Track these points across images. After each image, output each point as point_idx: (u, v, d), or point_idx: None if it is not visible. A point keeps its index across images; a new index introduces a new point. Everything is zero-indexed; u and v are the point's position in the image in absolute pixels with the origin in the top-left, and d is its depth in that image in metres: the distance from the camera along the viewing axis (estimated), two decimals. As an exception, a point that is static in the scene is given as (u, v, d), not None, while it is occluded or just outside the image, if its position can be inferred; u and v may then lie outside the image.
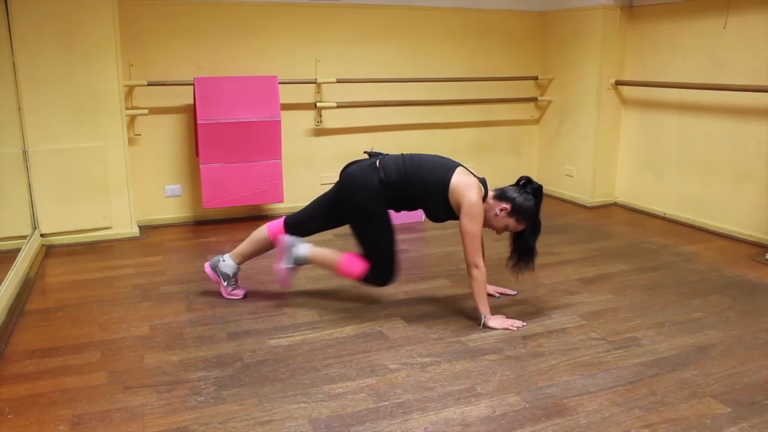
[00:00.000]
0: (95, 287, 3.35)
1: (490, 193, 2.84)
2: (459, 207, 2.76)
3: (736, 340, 2.75)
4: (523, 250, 2.89)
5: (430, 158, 2.90)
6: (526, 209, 2.79)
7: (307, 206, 3.13)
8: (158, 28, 4.34)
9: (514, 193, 2.81)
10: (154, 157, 4.52)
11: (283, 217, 3.12)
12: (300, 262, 2.97)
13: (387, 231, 2.89)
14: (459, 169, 2.82)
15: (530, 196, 2.80)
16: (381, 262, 2.90)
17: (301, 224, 3.08)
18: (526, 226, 2.84)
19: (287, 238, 2.97)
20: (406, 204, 2.90)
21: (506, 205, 2.79)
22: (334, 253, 2.97)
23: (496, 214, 2.81)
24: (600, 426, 2.10)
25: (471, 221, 2.72)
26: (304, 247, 2.96)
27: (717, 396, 2.28)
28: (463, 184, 2.75)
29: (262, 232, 3.10)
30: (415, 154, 2.92)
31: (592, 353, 2.62)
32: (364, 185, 2.82)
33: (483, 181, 2.84)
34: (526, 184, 2.84)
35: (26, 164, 3.89)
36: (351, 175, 2.89)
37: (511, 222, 2.82)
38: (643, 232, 4.49)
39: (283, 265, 2.97)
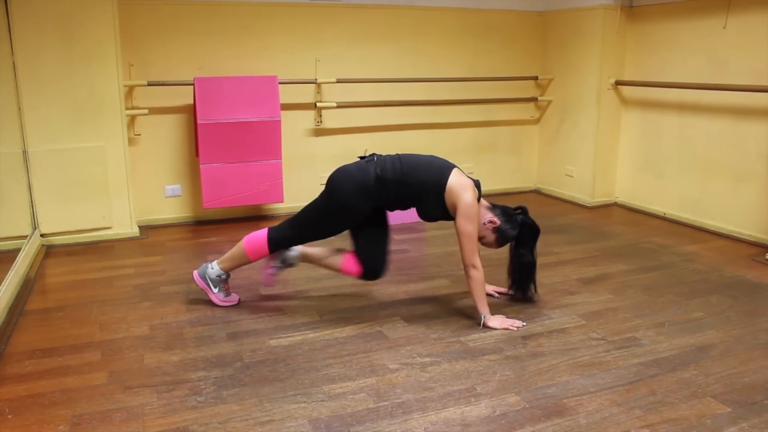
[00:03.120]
0: (95, 287, 3.35)
1: (483, 201, 2.89)
2: (455, 207, 2.77)
3: (736, 340, 2.75)
4: (519, 282, 3.07)
5: (426, 158, 2.91)
6: (506, 235, 2.90)
7: (292, 223, 2.94)
8: (158, 28, 4.34)
9: (504, 215, 2.89)
10: (154, 157, 4.52)
11: (265, 229, 2.95)
12: (289, 263, 2.99)
13: (375, 227, 2.92)
14: (455, 170, 2.83)
15: (517, 226, 2.90)
16: (369, 257, 2.91)
17: (289, 243, 2.95)
18: (499, 247, 2.95)
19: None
20: (400, 202, 2.88)
21: (495, 220, 2.86)
22: (327, 250, 2.99)
23: (484, 224, 2.87)
24: (600, 426, 2.10)
25: (467, 221, 2.74)
26: (295, 248, 2.99)
27: (717, 396, 2.28)
28: (459, 185, 2.77)
29: (240, 248, 2.95)
30: (411, 154, 2.93)
31: (592, 353, 2.62)
32: (358, 180, 2.81)
33: (477, 184, 2.85)
34: (520, 214, 2.94)
35: (26, 164, 3.89)
36: (346, 169, 2.89)
37: (491, 237, 2.90)
38: (643, 232, 4.49)
39: (272, 263, 2.98)
